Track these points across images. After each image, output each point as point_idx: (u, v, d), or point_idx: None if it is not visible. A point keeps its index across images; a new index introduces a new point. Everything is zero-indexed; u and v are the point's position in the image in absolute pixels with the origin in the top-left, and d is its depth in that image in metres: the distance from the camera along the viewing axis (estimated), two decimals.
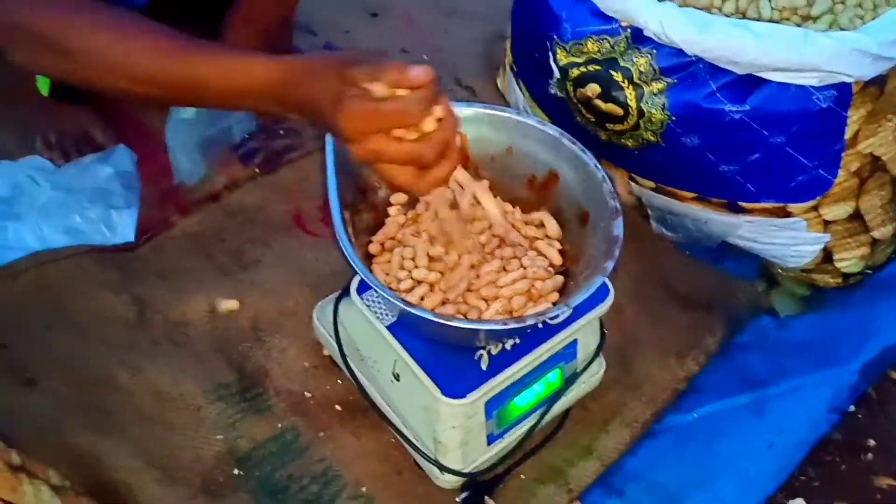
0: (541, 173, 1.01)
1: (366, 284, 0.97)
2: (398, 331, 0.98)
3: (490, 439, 1.01)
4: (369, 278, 0.87)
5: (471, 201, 0.99)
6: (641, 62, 1.13)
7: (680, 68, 1.11)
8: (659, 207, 1.31)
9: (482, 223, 1.00)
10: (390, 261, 0.98)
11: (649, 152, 1.20)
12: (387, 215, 1.02)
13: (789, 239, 1.23)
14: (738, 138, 1.12)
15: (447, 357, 0.96)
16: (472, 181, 0.92)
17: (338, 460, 1.07)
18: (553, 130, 1.00)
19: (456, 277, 0.95)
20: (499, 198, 1.03)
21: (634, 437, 1.12)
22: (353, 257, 0.88)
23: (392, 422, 1.04)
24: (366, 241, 1.00)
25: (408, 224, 1.01)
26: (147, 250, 1.26)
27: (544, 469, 1.08)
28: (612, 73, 1.15)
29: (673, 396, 1.17)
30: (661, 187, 1.27)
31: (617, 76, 1.14)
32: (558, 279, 0.97)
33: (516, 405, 1.01)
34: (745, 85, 1.09)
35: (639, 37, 1.13)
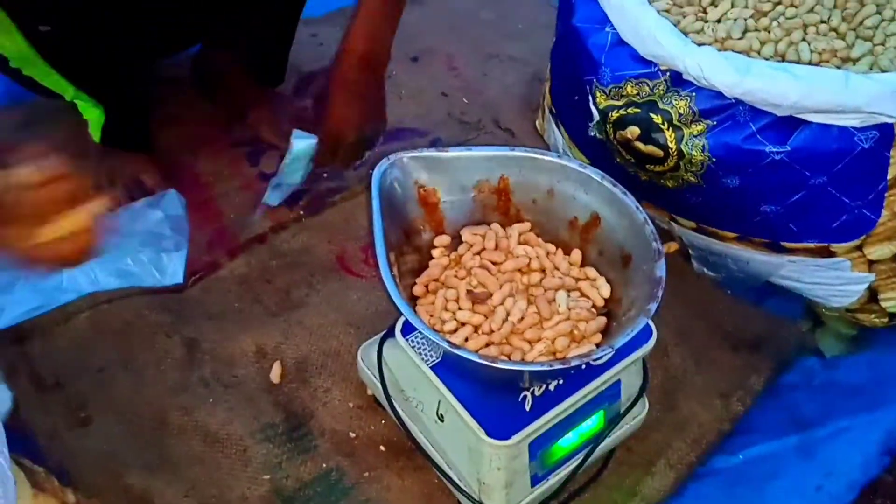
0: (582, 215, 1.03)
1: (410, 325, 0.98)
2: (442, 372, 0.99)
3: (534, 480, 1.01)
4: (414, 319, 0.89)
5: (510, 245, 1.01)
6: (681, 105, 1.14)
7: (720, 110, 1.12)
8: (700, 247, 1.31)
9: (522, 263, 1.01)
10: (434, 302, 0.99)
11: (690, 193, 1.21)
12: (430, 257, 1.04)
13: (833, 279, 1.23)
14: (779, 179, 1.12)
15: (491, 398, 0.97)
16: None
17: (382, 501, 1.07)
18: (594, 173, 1.01)
19: (498, 320, 0.96)
20: (541, 239, 1.05)
21: (680, 478, 1.12)
22: (398, 299, 0.89)
23: (436, 462, 1.04)
24: (410, 283, 1.01)
25: (451, 266, 1.03)
26: (196, 292, 1.29)
27: None
28: (652, 115, 1.16)
29: (718, 438, 1.16)
30: (702, 227, 1.27)
31: (656, 118, 1.16)
32: (601, 320, 0.98)
33: (560, 446, 1.01)
34: (785, 126, 1.10)
35: (678, 80, 1.14)
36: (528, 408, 0.96)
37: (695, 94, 1.13)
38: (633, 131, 1.18)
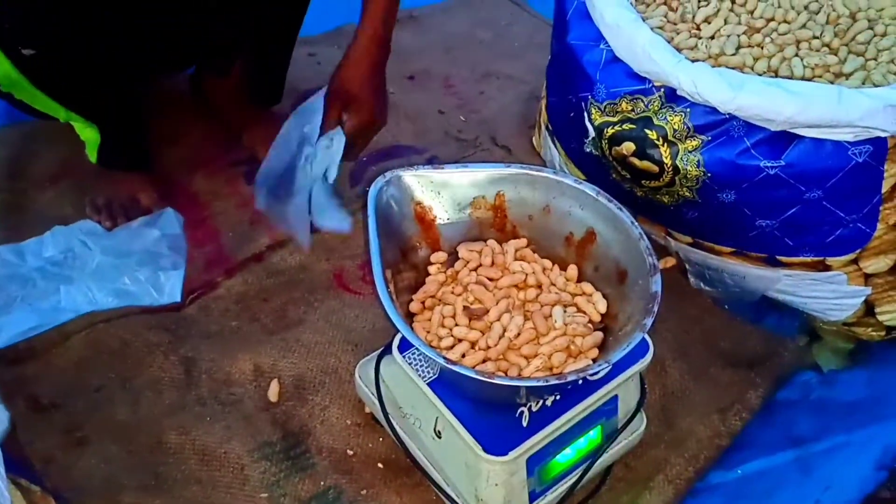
0: (578, 231, 1.03)
1: (407, 342, 0.98)
2: (439, 388, 0.99)
3: (532, 497, 1.01)
4: (411, 336, 0.89)
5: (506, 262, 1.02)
6: (675, 121, 1.14)
7: (714, 126, 1.13)
8: (697, 262, 1.31)
9: (519, 279, 1.01)
10: (431, 319, 1.00)
11: (685, 208, 1.21)
12: (427, 274, 1.04)
13: (830, 292, 1.23)
14: (774, 194, 1.13)
15: (488, 414, 0.97)
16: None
17: None
18: (589, 189, 1.01)
19: (494, 336, 0.96)
20: (537, 255, 1.05)
21: (678, 494, 1.11)
22: (394, 315, 0.90)
23: (434, 479, 1.04)
24: (407, 300, 1.02)
25: (448, 282, 1.03)
26: (194, 310, 1.29)
27: None
28: (647, 131, 1.16)
29: (716, 453, 1.16)
30: (698, 242, 1.27)
31: (651, 134, 1.16)
32: (598, 335, 0.98)
33: (558, 462, 1.01)
34: (779, 141, 1.10)
35: (672, 96, 1.15)
36: (525, 423, 0.96)
37: (689, 109, 1.14)
38: (628, 147, 1.19)
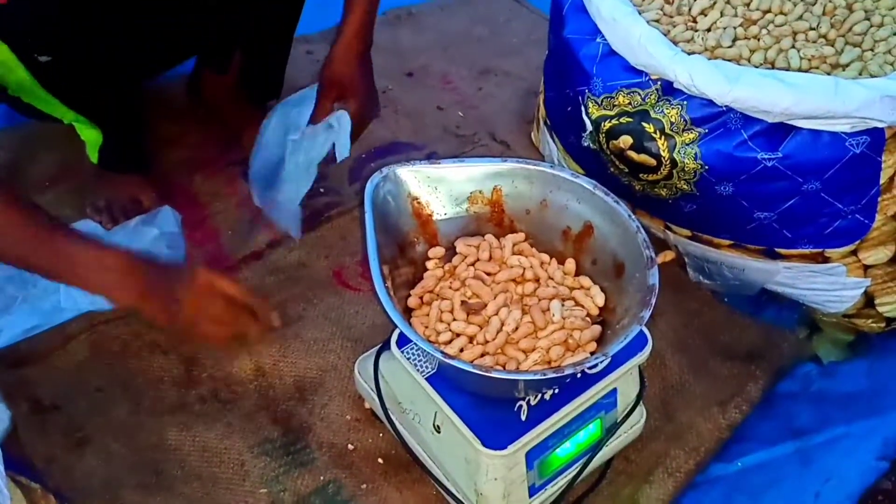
0: (576, 225, 1.03)
1: (406, 338, 0.98)
2: (438, 383, 0.99)
3: (532, 491, 1.01)
4: (409, 331, 0.89)
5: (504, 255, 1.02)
6: (672, 113, 1.14)
7: (711, 118, 1.13)
8: (696, 256, 1.31)
9: (517, 274, 1.02)
10: (429, 314, 1.00)
11: (684, 201, 1.21)
12: (425, 269, 1.04)
13: (829, 284, 1.23)
14: (772, 186, 1.13)
15: (487, 408, 0.97)
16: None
17: None
18: (587, 182, 1.01)
19: (492, 331, 0.96)
20: (535, 249, 1.05)
21: (678, 487, 1.11)
22: (392, 311, 0.90)
23: (433, 474, 1.04)
24: (405, 295, 1.02)
25: (446, 277, 1.03)
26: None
27: None
28: (644, 124, 1.16)
29: (717, 446, 1.16)
30: (696, 235, 1.27)
31: (648, 128, 1.16)
32: (596, 329, 0.98)
33: (557, 456, 1.01)
34: (776, 133, 1.10)
35: (669, 89, 1.15)
36: (523, 417, 0.96)
37: (686, 102, 1.14)
38: (625, 141, 1.19)
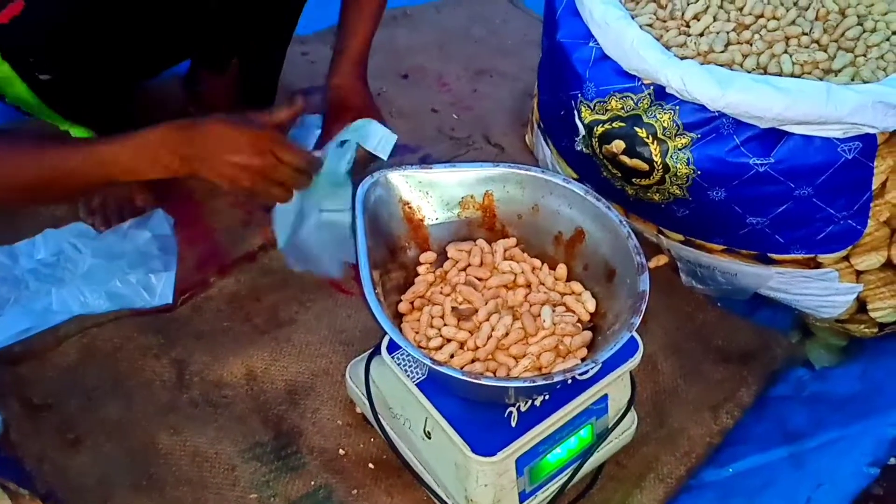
0: (567, 230, 1.03)
1: (396, 343, 0.98)
2: (428, 389, 0.99)
3: (522, 497, 1.01)
4: (398, 338, 0.89)
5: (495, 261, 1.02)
6: (665, 118, 1.14)
7: (703, 123, 1.12)
8: (688, 260, 1.31)
9: (508, 279, 1.01)
10: (420, 319, 1.00)
11: (676, 206, 1.21)
12: (416, 274, 1.04)
13: (821, 289, 1.23)
14: (764, 191, 1.13)
15: (477, 414, 0.97)
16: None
17: None
18: (578, 188, 1.01)
19: (483, 336, 0.96)
20: (526, 254, 1.05)
21: (670, 492, 1.11)
22: (381, 317, 0.90)
23: (424, 479, 1.04)
24: (396, 300, 1.02)
25: (437, 282, 1.03)
26: (186, 310, 1.29)
27: None
28: (637, 129, 1.16)
29: (708, 451, 1.16)
30: (689, 240, 1.27)
31: (641, 132, 1.16)
32: (586, 335, 0.98)
33: (548, 462, 1.01)
34: (769, 138, 1.10)
35: (661, 94, 1.14)
36: (513, 423, 0.96)
37: (678, 107, 1.13)
38: (618, 145, 1.19)
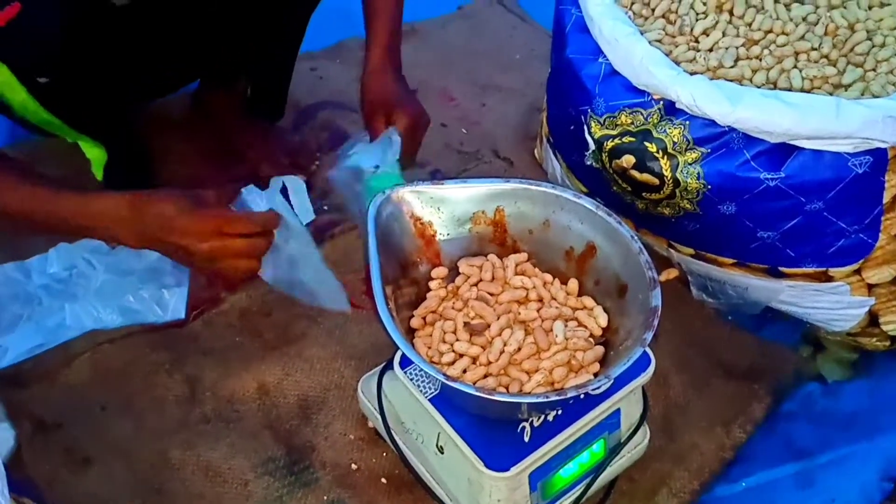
0: (578, 245, 1.03)
1: (409, 358, 0.98)
2: (441, 404, 0.99)
3: None
4: (411, 353, 0.89)
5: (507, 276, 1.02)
6: (675, 133, 1.15)
7: (713, 138, 1.13)
8: (699, 274, 1.31)
9: (520, 295, 1.02)
10: (432, 334, 1.00)
11: (687, 220, 1.21)
12: (428, 289, 1.04)
13: (833, 303, 1.23)
14: (775, 205, 1.13)
15: (490, 429, 0.97)
16: None
17: None
18: (589, 203, 1.02)
19: (495, 352, 0.96)
20: (537, 269, 1.06)
21: None
22: (394, 332, 0.90)
23: (437, 494, 1.04)
24: (408, 316, 1.02)
25: (448, 297, 1.03)
26: (197, 326, 1.29)
27: None
28: (647, 144, 1.17)
29: (720, 466, 1.15)
30: (700, 254, 1.27)
31: (651, 147, 1.16)
32: (599, 350, 0.98)
33: (561, 477, 1.01)
34: (779, 153, 1.10)
35: (671, 109, 1.15)
36: (526, 439, 0.96)
37: (688, 122, 1.14)
38: (628, 160, 1.19)
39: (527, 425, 0.97)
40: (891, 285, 1.21)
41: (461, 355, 0.97)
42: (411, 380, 1.01)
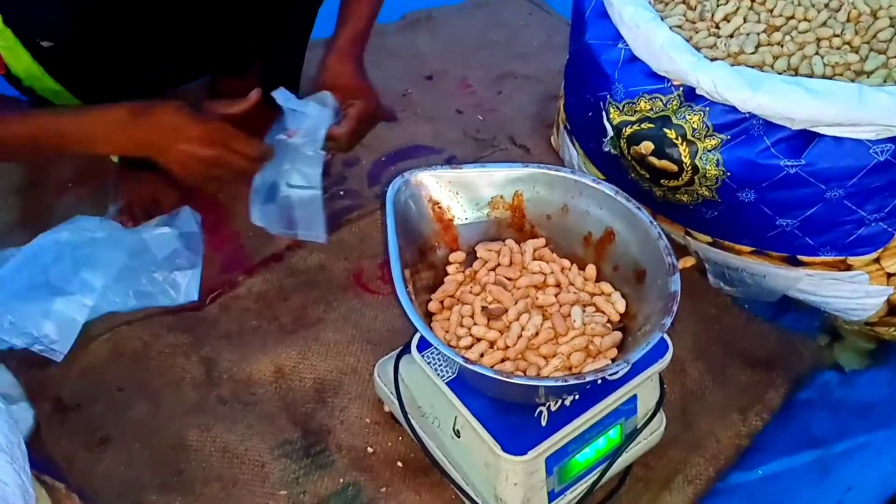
0: (597, 231, 1.03)
1: (426, 342, 0.99)
2: (458, 387, 0.99)
3: (551, 496, 1.01)
4: (430, 336, 0.89)
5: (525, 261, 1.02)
6: (694, 119, 1.14)
7: (733, 125, 1.12)
8: (716, 262, 1.31)
9: (538, 280, 1.02)
10: (449, 318, 1.00)
11: (705, 207, 1.21)
12: (445, 273, 1.04)
13: (851, 292, 1.22)
14: (794, 193, 1.12)
15: (507, 414, 0.97)
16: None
17: None
18: (608, 188, 1.01)
19: (513, 336, 0.96)
20: (555, 255, 1.05)
21: (698, 495, 1.11)
22: (413, 315, 0.90)
23: (453, 478, 1.04)
24: (425, 300, 1.02)
25: (466, 282, 1.03)
26: (214, 310, 1.30)
27: None
28: (666, 130, 1.16)
29: (736, 454, 1.15)
30: (717, 242, 1.27)
31: (670, 134, 1.16)
32: (616, 335, 0.98)
33: (577, 461, 1.01)
34: (800, 140, 1.10)
35: (691, 95, 1.14)
36: (544, 423, 0.96)
37: (708, 108, 1.13)
38: (647, 146, 1.18)
39: (544, 410, 0.97)
40: None
41: (479, 339, 0.97)
42: (429, 363, 1.01)
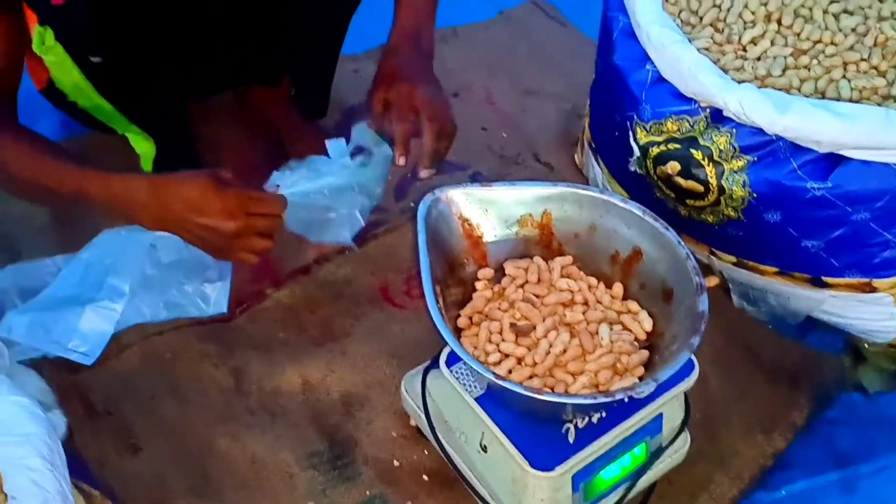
0: (624, 249, 1.04)
1: (455, 356, 1.00)
2: (486, 403, 1.00)
3: None
4: (460, 351, 0.91)
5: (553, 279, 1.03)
6: (721, 141, 1.15)
7: (760, 147, 1.13)
8: (741, 282, 1.31)
9: (565, 297, 1.03)
10: (478, 334, 1.01)
11: (730, 228, 1.22)
12: (474, 290, 1.06)
13: (875, 314, 1.23)
14: (820, 215, 1.13)
15: (534, 430, 0.98)
16: None
17: None
18: (636, 208, 1.03)
19: (541, 353, 0.98)
20: (583, 273, 1.07)
21: None
22: (444, 330, 0.92)
23: (479, 493, 1.05)
24: (454, 315, 1.03)
25: (495, 298, 1.05)
26: (243, 321, 1.31)
27: None
28: (693, 151, 1.17)
29: (760, 472, 1.16)
30: (742, 262, 1.28)
31: (697, 154, 1.17)
32: (644, 353, 0.99)
33: (603, 478, 1.02)
34: (826, 162, 1.10)
35: (718, 116, 1.15)
36: (571, 440, 0.97)
37: (735, 130, 1.14)
38: (673, 167, 1.20)
39: (571, 426, 0.98)
40: None
41: (507, 356, 0.99)
42: (457, 378, 1.02)
